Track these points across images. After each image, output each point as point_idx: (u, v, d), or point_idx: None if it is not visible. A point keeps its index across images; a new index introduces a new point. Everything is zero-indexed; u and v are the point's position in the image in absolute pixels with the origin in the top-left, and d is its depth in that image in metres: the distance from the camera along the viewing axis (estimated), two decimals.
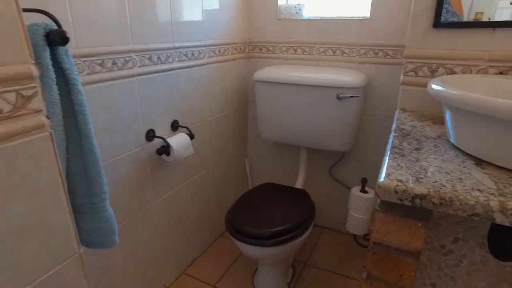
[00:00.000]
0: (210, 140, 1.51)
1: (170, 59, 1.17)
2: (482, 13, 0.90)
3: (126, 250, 1.14)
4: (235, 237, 1.18)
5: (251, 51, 1.65)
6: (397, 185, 0.52)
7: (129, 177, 1.09)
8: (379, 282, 0.68)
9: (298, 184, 1.61)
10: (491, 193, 0.50)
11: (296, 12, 1.55)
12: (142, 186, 1.16)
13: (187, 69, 1.27)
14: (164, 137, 1.17)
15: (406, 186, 0.52)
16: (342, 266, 1.54)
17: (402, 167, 0.58)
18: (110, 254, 1.07)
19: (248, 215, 1.25)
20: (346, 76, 1.33)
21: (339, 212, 1.72)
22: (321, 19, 1.47)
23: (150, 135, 1.15)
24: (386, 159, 0.62)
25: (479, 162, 0.61)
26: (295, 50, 1.55)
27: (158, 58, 1.11)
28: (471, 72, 0.90)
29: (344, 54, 1.46)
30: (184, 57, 1.24)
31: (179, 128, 1.28)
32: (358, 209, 1.38)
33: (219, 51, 1.44)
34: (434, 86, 0.67)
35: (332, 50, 1.48)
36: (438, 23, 0.89)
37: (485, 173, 0.56)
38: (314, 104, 1.36)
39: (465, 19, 0.90)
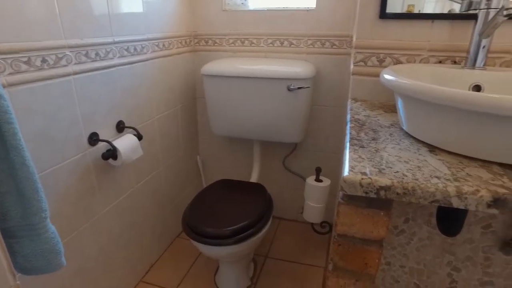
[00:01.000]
0: (159, 139, 1.43)
1: (111, 55, 1.07)
2: (413, 5, 0.95)
3: (75, 267, 1.04)
4: (194, 239, 1.14)
5: (197, 44, 1.58)
6: (362, 179, 0.52)
7: (71, 187, 0.98)
8: (345, 272, 0.68)
9: (253, 178, 1.59)
10: (447, 179, 0.52)
11: (242, 3, 1.52)
12: (88, 195, 1.06)
13: (129, 66, 1.18)
14: (110, 140, 1.07)
15: (371, 179, 0.52)
16: (302, 255, 1.57)
17: (363, 159, 0.59)
18: (56, 275, 0.96)
19: (206, 215, 1.21)
20: (296, 67, 1.33)
21: (295, 202, 1.75)
22: (267, 10, 1.45)
23: (94, 138, 1.04)
24: (347, 151, 0.62)
25: (432, 149, 0.63)
26: (243, 42, 1.51)
27: (97, 54, 1.01)
28: (414, 62, 0.94)
29: (292, 45, 1.46)
30: (125, 53, 1.14)
31: (126, 129, 1.19)
32: (314, 198, 1.40)
33: (163, 45, 1.36)
34: (387, 76, 0.69)
35: (280, 41, 1.47)
36: (384, 14, 0.91)
37: (439, 159, 0.59)
38: (264, 96, 1.35)
39: (399, 10, 0.94)
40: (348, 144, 0.65)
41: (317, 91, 1.50)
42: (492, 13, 0.76)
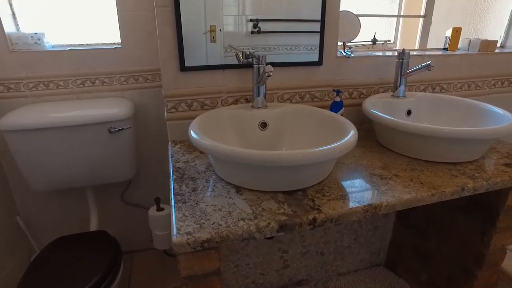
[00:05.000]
0: None
1: None
2: (215, 26, 1.09)
3: None
4: None
5: None
6: (188, 239, 0.63)
7: None
8: None
9: (93, 226, 1.51)
10: (249, 219, 0.69)
11: (36, 42, 1.37)
12: None
13: None
14: None
15: (194, 237, 0.64)
16: (162, 281, 1.61)
17: (187, 216, 0.70)
18: None
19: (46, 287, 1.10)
20: (113, 108, 1.32)
21: (144, 231, 1.75)
22: (70, 49, 1.37)
23: None
24: (173, 211, 0.72)
25: (238, 189, 0.80)
26: (47, 86, 1.38)
27: None
28: (217, 103, 1.11)
29: (105, 84, 1.43)
30: None
31: None
32: (159, 227, 1.45)
33: None
34: (193, 135, 0.81)
35: (91, 81, 1.42)
36: (183, 68, 1.04)
37: (243, 199, 0.76)
38: (85, 142, 1.29)
39: (203, 31, 1.05)
40: (173, 203, 0.75)
41: (141, 123, 1.53)
42: (261, 68, 0.99)
